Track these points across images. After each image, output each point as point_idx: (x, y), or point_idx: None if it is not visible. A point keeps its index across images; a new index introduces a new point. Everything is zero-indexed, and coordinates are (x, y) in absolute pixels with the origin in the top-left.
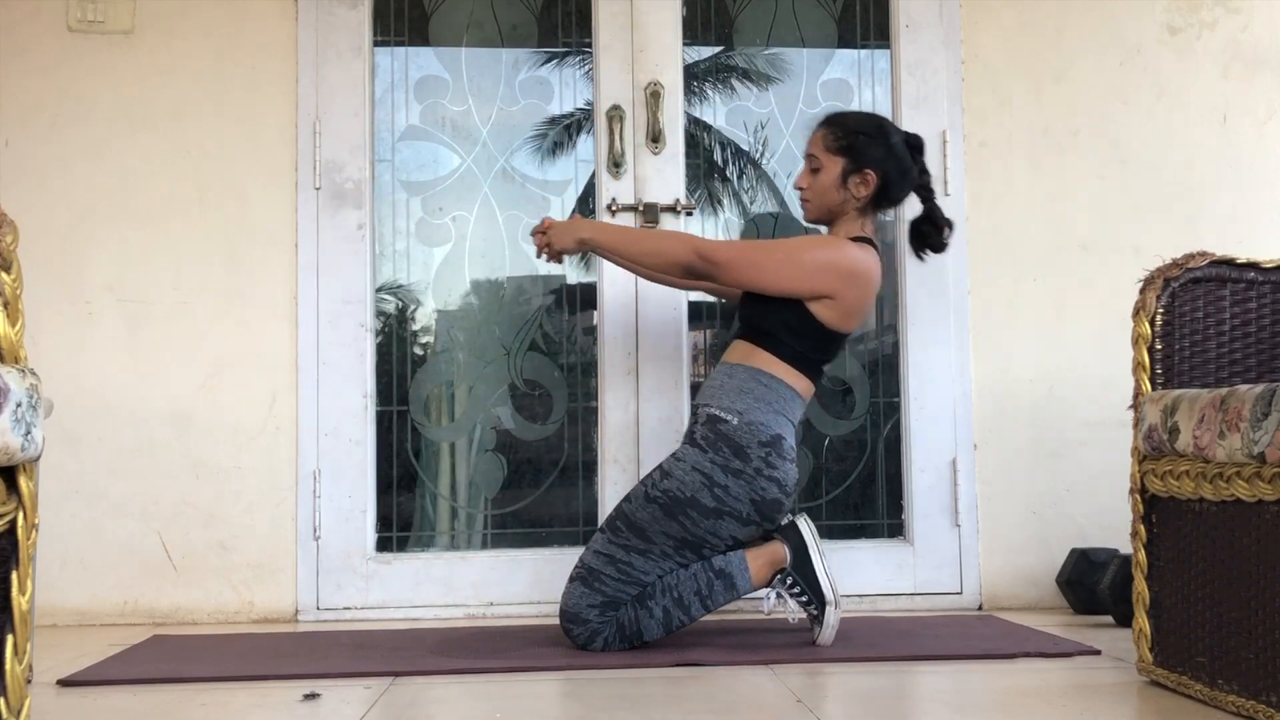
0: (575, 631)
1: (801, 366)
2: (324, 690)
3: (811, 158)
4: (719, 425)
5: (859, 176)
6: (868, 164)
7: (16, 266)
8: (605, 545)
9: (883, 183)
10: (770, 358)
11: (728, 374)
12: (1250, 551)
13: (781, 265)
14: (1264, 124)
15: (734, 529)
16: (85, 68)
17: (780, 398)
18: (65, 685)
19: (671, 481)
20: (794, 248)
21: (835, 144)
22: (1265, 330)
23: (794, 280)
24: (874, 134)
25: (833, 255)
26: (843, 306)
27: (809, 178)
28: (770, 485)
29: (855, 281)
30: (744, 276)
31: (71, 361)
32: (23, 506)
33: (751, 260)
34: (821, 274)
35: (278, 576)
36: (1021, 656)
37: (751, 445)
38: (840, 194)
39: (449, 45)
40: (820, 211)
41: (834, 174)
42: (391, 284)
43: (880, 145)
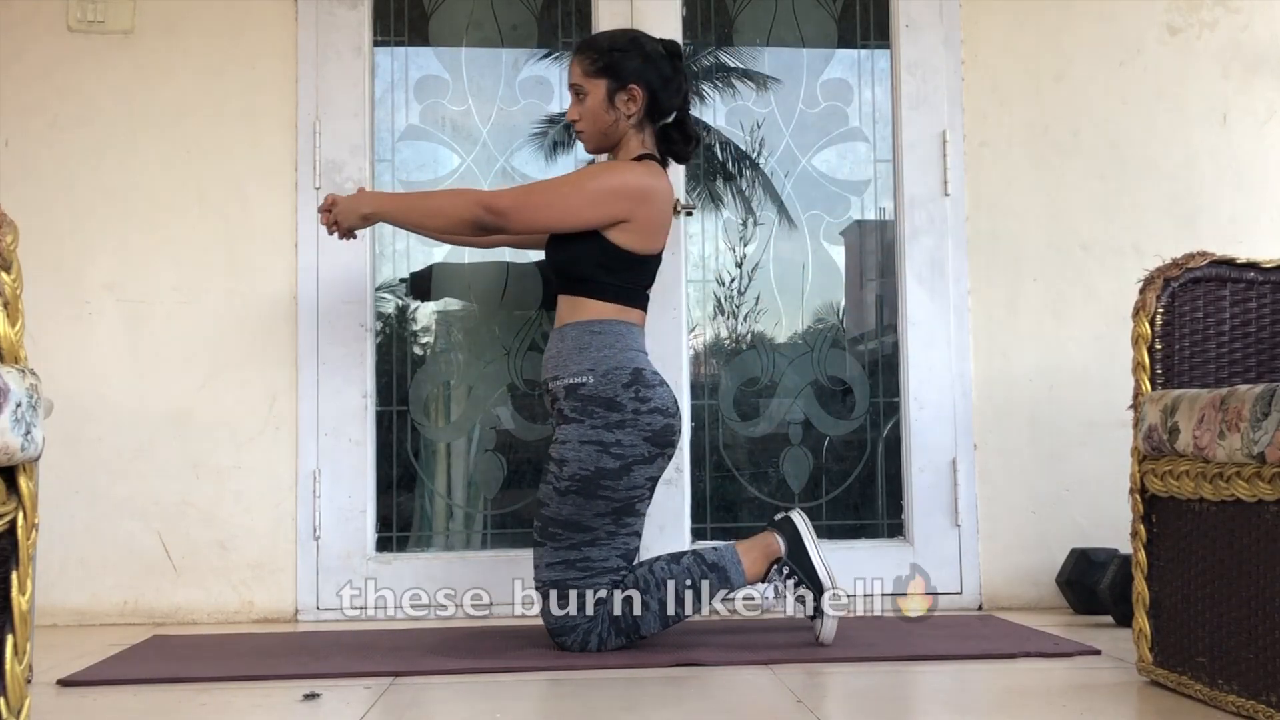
0: (568, 641)
1: (625, 300)
2: (324, 690)
3: (575, 87)
4: (579, 391)
5: (625, 93)
6: (629, 79)
7: (16, 266)
8: (552, 554)
9: (649, 94)
10: (593, 304)
11: (559, 338)
12: (1250, 551)
13: (568, 198)
14: (1264, 124)
15: (645, 471)
16: (85, 68)
17: (619, 336)
18: (65, 685)
19: (570, 466)
20: (577, 179)
21: (593, 67)
22: (1265, 330)
23: (583, 210)
24: (628, 48)
25: (616, 179)
26: (641, 227)
27: (578, 107)
28: (654, 416)
29: (646, 199)
30: (534, 218)
31: (71, 361)
32: (23, 506)
33: (537, 201)
34: (610, 199)
35: (278, 576)
36: (1021, 656)
37: (617, 392)
38: (610, 114)
39: (449, 45)
40: (597, 138)
41: (599, 97)
42: (391, 284)
43: (637, 57)
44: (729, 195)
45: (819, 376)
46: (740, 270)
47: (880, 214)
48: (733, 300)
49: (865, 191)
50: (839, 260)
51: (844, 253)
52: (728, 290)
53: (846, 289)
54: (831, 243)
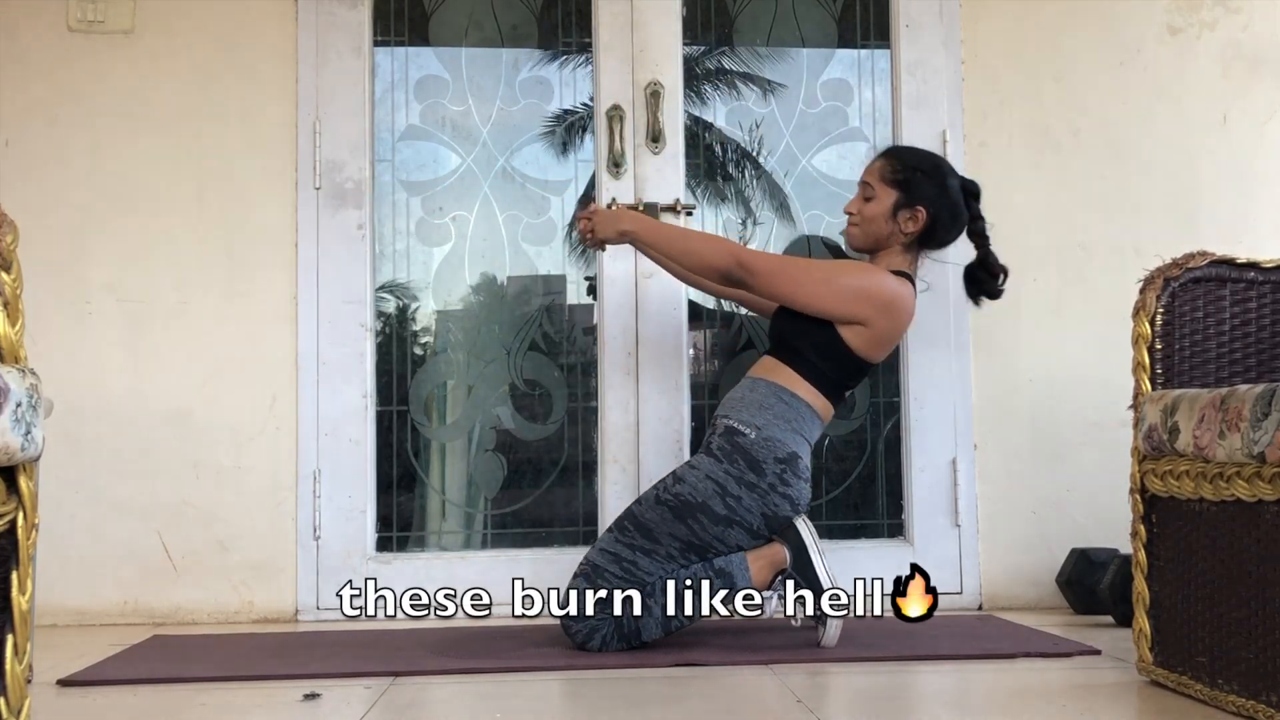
0: (575, 628)
1: (824, 388)
2: (324, 690)
3: (866, 185)
4: (736, 438)
5: (910, 212)
6: (920, 201)
7: (16, 266)
8: (611, 544)
9: (932, 222)
10: (794, 376)
11: (750, 388)
12: (1250, 551)
13: (819, 284)
14: (1264, 124)
15: (741, 538)
16: (85, 68)
17: (799, 416)
18: (65, 685)
19: (684, 486)
20: (834, 269)
21: (892, 176)
22: (1265, 330)
23: (829, 301)
24: (931, 173)
25: (871, 283)
26: (873, 335)
27: (859, 204)
28: (783, 502)
29: (889, 312)
30: (780, 289)
31: (71, 361)
32: (23, 506)
33: (790, 275)
34: (857, 300)
35: (278, 576)
36: (1021, 656)
37: (767, 460)
38: (889, 226)
39: (449, 45)
40: (866, 240)
41: (886, 205)
42: (391, 284)
43: (936, 184)
44: (729, 195)
45: None
46: None
47: None
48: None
49: None
50: None
51: (844, 253)
52: None
53: None
54: (831, 243)
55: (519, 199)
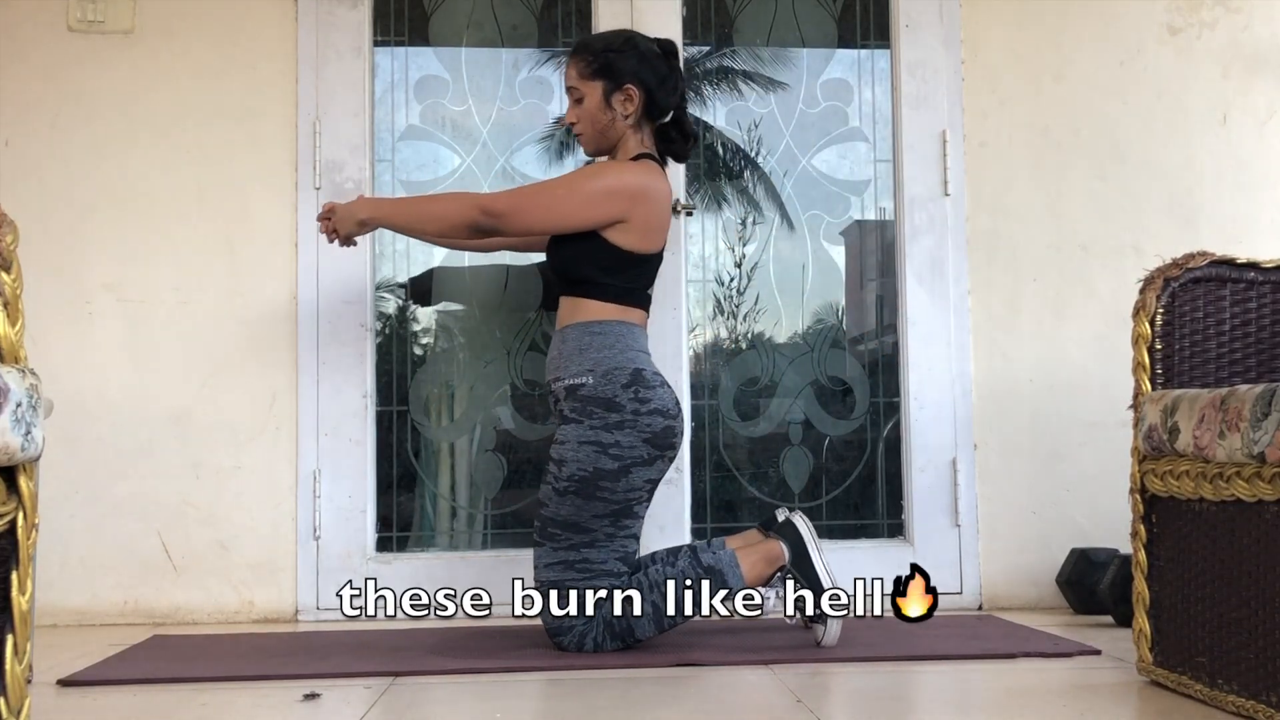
0: (565, 641)
1: (626, 300)
2: (324, 690)
3: (571, 89)
4: (578, 392)
5: (621, 94)
6: (626, 79)
7: (16, 266)
8: (551, 555)
9: (646, 94)
10: (590, 304)
11: (561, 340)
12: (1250, 551)
13: (565, 199)
14: (1264, 124)
15: (644, 474)
16: (85, 68)
17: (619, 337)
18: (65, 685)
19: (569, 466)
20: (573, 179)
21: (589, 69)
22: (1265, 330)
23: (580, 210)
24: (624, 48)
25: (613, 179)
26: (639, 227)
27: (575, 110)
28: (654, 417)
29: (642, 199)
30: (531, 220)
31: (71, 361)
32: (23, 506)
33: (534, 202)
34: (606, 199)
35: (278, 576)
36: (1021, 656)
37: (616, 393)
38: (607, 115)
39: (449, 45)
40: (595, 140)
41: (596, 98)
42: (391, 284)
43: (633, 57)
44: (729, 195)
45: (819, 376)
46: (740, 270)
47: (880, 214)
48: (733, 300)
49: (865, 191)
50: (839, 260)
51: (844, 253)
52: (727, 290)
53: (846, 289)
54: (831, 243)
55: None
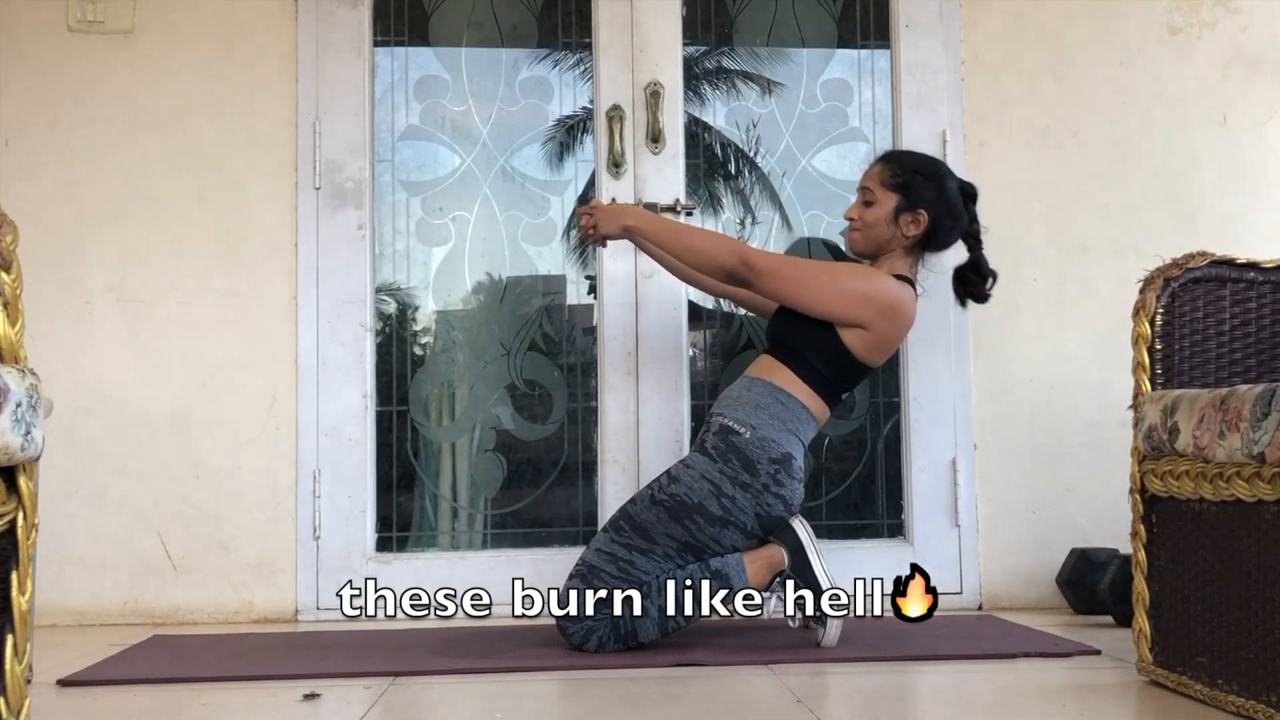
0: (571, 629)
1: (821, 390)
2: (324, 690)
3: (866, 190)
4: (731, 437)
5: (911, 215)
6: (921, 204)
7: (16, 266)
8: (608, 544)
9: (933, 225)
10: (792, 376)
11: (746, 387)
12: (1250, 551)
13: (823, 285)
14: (1264, 124)
15: (736, 539)
16: (85, 68)
17: (795, 417)
18: (65, 685)
19: (679, 486)
20: (838, 272)
21: (892, 180)
22: (1265, 330)
23: (831, 302)
24: (930, 176)
25: (874, 286)
26: (874, 338)
27: (860, 209)
28: (776, 502)
29: (891, 316)
30: (783, 289)
31: (71, 361)
32: (23, 506)
33: (793, 275)
34: (860, 302)
35: (277, 576)
36: (1021, 656)
37: (761, 460)
38: (890, 230)
39: (449, 45)
40: (867, 244)
41: (886, 209)
42: (391, 284)
43: (935, 187)
44: (729, 195)
45: None
46: None
47: None
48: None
49: None
50: None
51: (844, 253)
52: None
53: None
54: (831, 243)
55: (519, 199)
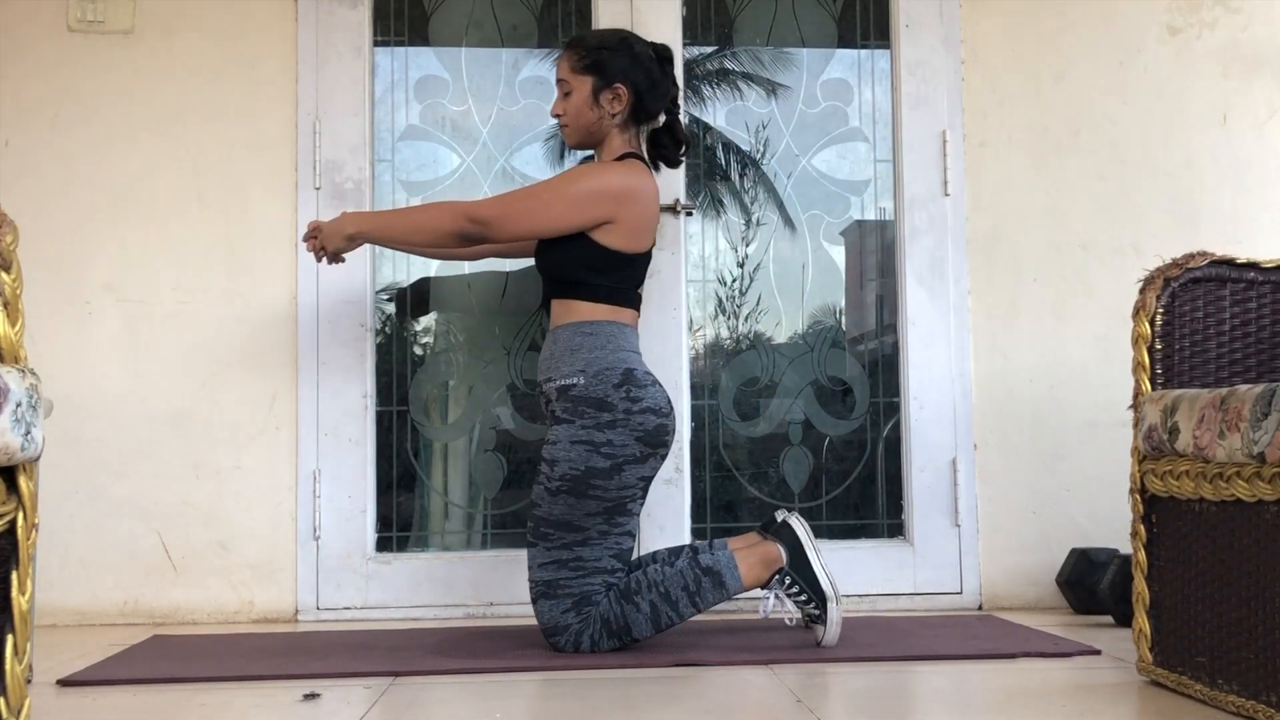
0: (561, 641)
1: (616, 300)
2: (324, 690)
3: (562, 82)
4: (570, 392)
5: (610, 92)
6: (616, 78)
7: (16, 266)
8: (545, 555)
9: (635, 95)
10: (582, 304)
11: (552, 341)
12: (1250, 551)
13: (551, 205)
14: (1264, 124)
15: (637, 471)
16: (85, 68)
17: (610, 337)
18: (65, 685)
19: (561, 466)
20: (558, 183)
21: (580, 64)
22: (1265, 330)
23: (566, 214)
24: (617, 48)
25: (598, 181)
26: (626, 227)
27: (563, 103)
28: (645, 415)
29: (629, 199)
30: (518, 226)
31: (71, 361)
32: (23, 506)
33: (521, 208)
34: (592, 201)
35: (277, 576)
36: (1021, 656)
37: (608, 393)
38: (594, 112)
39: (449, 45)
40: (580, 134)
41: (584, 93)
42: (391, 284)
43: (625, 57)
44: (729, 196)
45: (819, 376)
46: (741, 270)
47: (880, 214)
48: (733, 300)
49: (865, 191)
50: (839, 260)
51: (844, 253)
52: (728, 290)
53: (846, 289)
54: (831, 243)
55: None
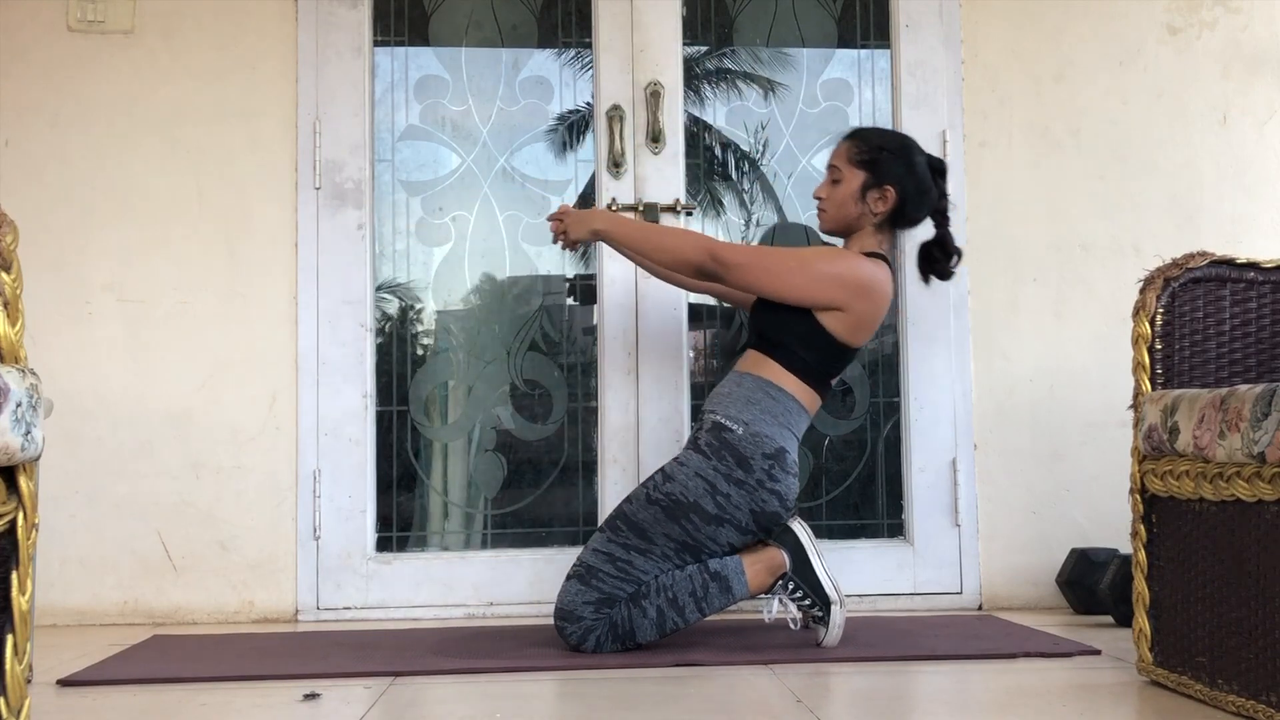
0: (569, 629)
1: (809, 379)
2: (324, 690)
3: (833, 168)
4: (724, 434)
5: (878, 192)
6: (888, 180)
7: (16, 266)
8: (605, 544)
9: (901, 201)
10: (779, 369)
11: (736, 382)
12: (1250, 551)
13: (793, 272)
14: (1264, 124)
15: (732, 536)
16: (85, 68)
17: (786, 410)
18: (65, 685)
19: (674, 485)
20: (807, 257)
21: (858, 157)
22: (1265, 330)
23: (804, 288)
24: (898, 151)
25: (845, 267)
26: (852, 319)
27: (829, 188)
28: (771, 498)
29: (866, 295)
30: (754, 281)
31: (71, 361)
32: (23, 506)
33: (763, 265)
34: (832, 285)
35: (277, 576)
36: (1021, 656)
37: (755, 456)
38: (858, 208)
39: (449, 45)
40: (836, 223)
41: (853, 187)
42: (391, 284)
43: (903, 163)
44: (729, 195)
45: None
46: None
47: None
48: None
49: None
50: None
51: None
52: None
53: None
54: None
55: (519, 199)
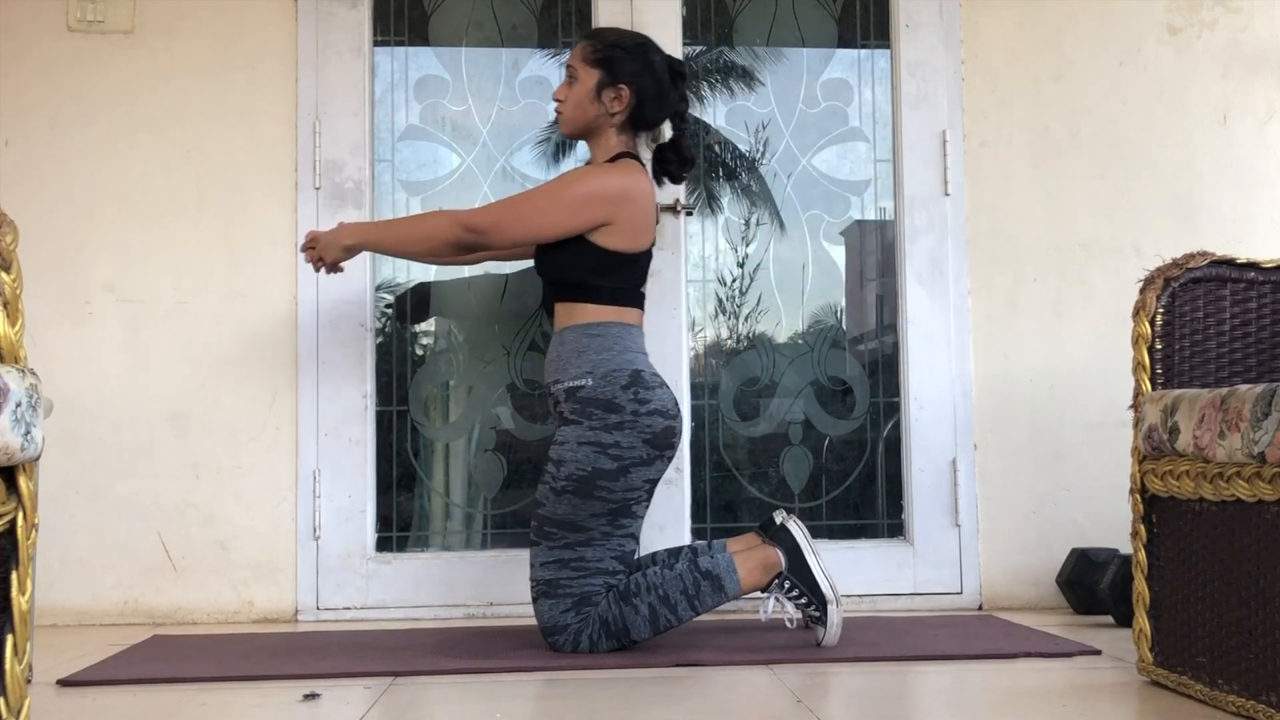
0: (560, 641)
1: (619, 300)
2: (324, 690)
3: (570, 68)
4: (578, 394)
5: (614, 91)
6: (623, 79)
7: (16, 266)
8: (547, 554)
9: (638, 100)
10: (586, 307)
11: (559, 342)
12: (1250, 551)
13: (548, 210)
14: (1264, 124)
15: (643, 474)
16: (85, 68)
17: (617, 339)
18: (65, 685)
19: (568, 466)
20: (553, 188)
21: (593, 55)
22: (1265, 330)
23: (564, 218)
24: (633, 50)
25: (593, 183)
26: (625, 228)
27: (566, 89)
28: (653, 418)
29: (626, 199)
30: (516, 232)
31: (71, 361)
32: (23, 506)
33: (517, 214)
34: (590, 203)
35: (277, 576)
36: (1021, 656)
37: (616, 394)
38: (595, 108)
39: (449, 45)
40: (575, 124)
41: (589, 86)
42: (391, 284)
43: (639, 61)
44: (729, 195)
45: (819, 376)
46: (742, 270)
47: (880, 214)
48: (734, 300)
49: (865, 191)
50: (839, 260)
51: (844, 253)
52: (729, 290)
53: (846, 289)
54: (832, 243)
55: None
